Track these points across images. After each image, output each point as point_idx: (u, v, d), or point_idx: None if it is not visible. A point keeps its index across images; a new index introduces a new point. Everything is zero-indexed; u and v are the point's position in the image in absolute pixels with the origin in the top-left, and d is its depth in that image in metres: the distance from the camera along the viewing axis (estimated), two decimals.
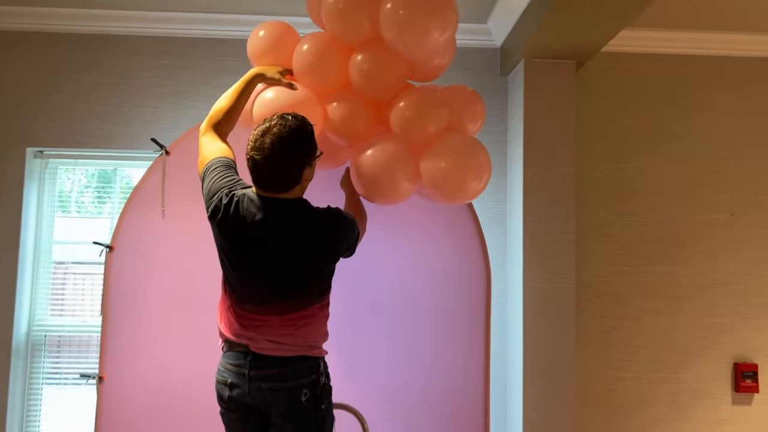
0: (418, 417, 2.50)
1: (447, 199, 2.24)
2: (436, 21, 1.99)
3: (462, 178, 2.13)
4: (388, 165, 2.08)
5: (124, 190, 3.15)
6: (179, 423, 2.40)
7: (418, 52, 2.05)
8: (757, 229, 3.12)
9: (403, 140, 2.08)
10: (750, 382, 3.02)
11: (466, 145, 2.15)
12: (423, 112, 2.06)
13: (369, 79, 2.05)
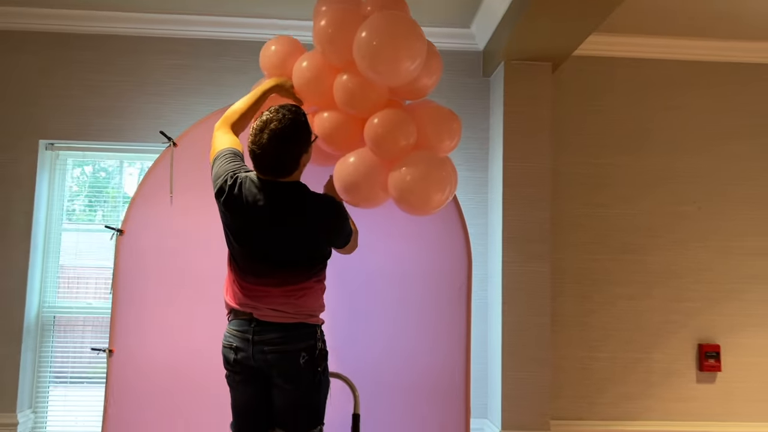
0: (404, 392, 2.69)
1: (415, 209, 2.30)
2: (406, 51, 2.10)
3: (426, 192, 2.21)
4: (363, 174, 2.22)
5: (115, 197, 3.37)
6: (184, 393, 2.59)
7: (390, 79, 2.17)
8: (722, 220, 3.36)
9: (375, 153, 2.23)
10: (713, 362, 3.26)
11: (431, 165, 2.22)
12: (392, 129, 2.19)
13: (351, 98, 2.20)
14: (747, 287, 3.31)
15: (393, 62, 2.11)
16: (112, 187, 3.43)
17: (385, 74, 2.15)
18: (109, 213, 3.37)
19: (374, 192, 2.28)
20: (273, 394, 2.07)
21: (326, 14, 2.27)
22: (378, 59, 2.10)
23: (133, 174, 3.46)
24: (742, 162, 3.38)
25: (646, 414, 3.22)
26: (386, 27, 2.11)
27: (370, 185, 2.26)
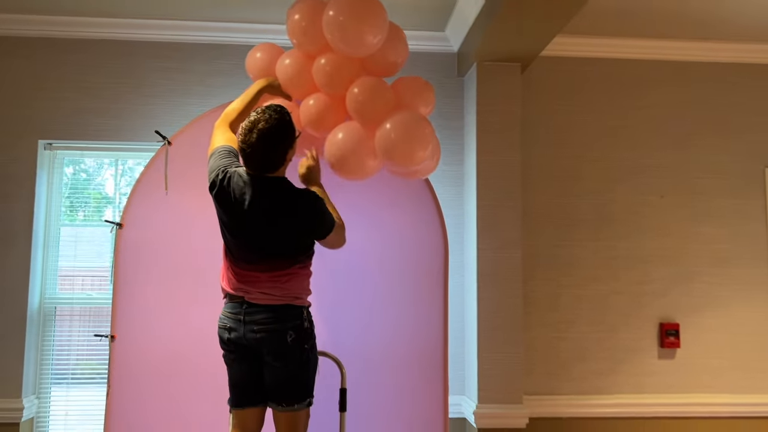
0: (387, 369, 2.90)
1: (402, 166, 2.56)
2: (369, 24, 2.40)
3: (410, 147, 2.47)
4: (351, 145, 2.48)
5: (96, 198, 3.55)
6: (183, 374, 2.78)
7: (358, 50, 2.45)
8: (683, 209, 3.59)
9: (359, 122, 2.49)
10: (673, 339, 3.50)
11: (412, 120, 2.49)
12: (371, 93, 2.46)
13: (330, 78, 2.47)
14: (704, 271, 3.56)
15: (358, 33, 2.41)
16: (93, 188, 3.61)
17: (353, 45, 2.44)
18: (91, 213, 3.54)
19: (363, 161, 2.53)
20: (264, 372, 2.28)
21: (298, 9, 2.53)
22: (345, 32, 2.39)
23: (112, 175, 3.65)
24: (703, 156, 3.62)
25: (611, 388, 3.46)
26: (349, 4, 2.40)
27: (358, 155, 2.51)
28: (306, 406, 2.29)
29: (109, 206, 3.57)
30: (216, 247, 2.45)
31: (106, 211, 3.56)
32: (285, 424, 2.27)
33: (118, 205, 3.54)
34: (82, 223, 3.52)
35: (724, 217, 3.60)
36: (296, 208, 2.22)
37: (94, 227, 3.52)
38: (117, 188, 3.61)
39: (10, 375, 3.22)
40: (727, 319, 3.54)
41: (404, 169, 2.62)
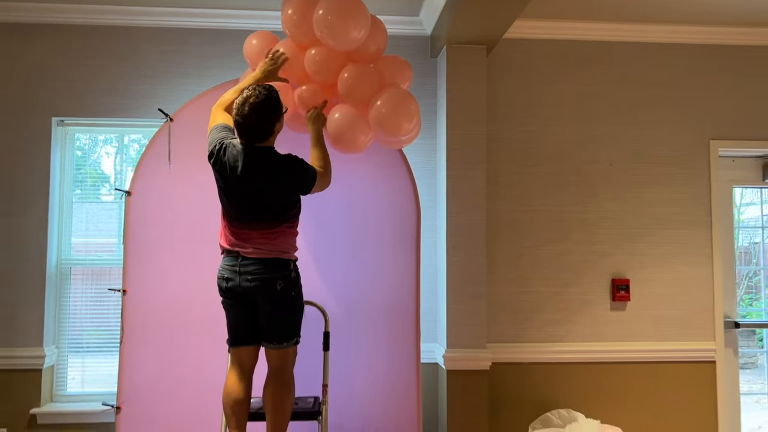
0: (366, 318, 3.30)
1: (390, 136, 2.97)
2: (353, 22, 2.77)
3: (398, 120, 2.90)
4: (347, 123, 2.88)
5: (92, 176, 3.90)
6: (187, 322, 3.18)
7: (344, 45, 2.82)
8: (632, 177, 3.97)
9: (350, 102, 2.87)
10: (623, 293, 3.91)
11: (399, 96, 2.92)
12: (359, 77, 2.85)
13: (319, 67, 2.84)
14: (651, 231, 3.95)
15: (344, 31, 2.77)
16: (89, 166, 3.95)
17: (340, 40, 2.81)
18: (87, 190, 3.87)
19: (357, 137, 2.92)
20: (258, 315, 2.68)
21: (291, 5, 2.87)
22: (332, 29, 2.76)
23: (110, 153, 4.00)
24: (645, 128, 3.98)
25: (567, 337, 3.87)
26: (337, 5, 2.76)
27: (352, 131, 2.90)
28: (294, 344, 2.70)
29: (105, 183, 3.93)
30: (213, 210, 2.85)
31: (103, 188, 3.92)
32: (276, 359, 2.68)
33: (113, 183, 3.89)
34: (79, 200, 3.86)
35: (670, 184, 3.98)
36: (281, 174, 2.59)
37: (91, 203, 3.89)
38: (115, 165, 3.96)
39: (33, 327, 3.61)
40: (672, 275, 3.95)
41: (393, 139, 3.02)
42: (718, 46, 4.06)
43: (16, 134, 3.67)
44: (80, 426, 3.60)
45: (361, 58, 2.97)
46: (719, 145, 4.03)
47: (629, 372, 3.89)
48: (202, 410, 3.09)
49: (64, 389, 3.72)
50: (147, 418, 3.16)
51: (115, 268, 3.73)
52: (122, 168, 3.94)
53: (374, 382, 3.28)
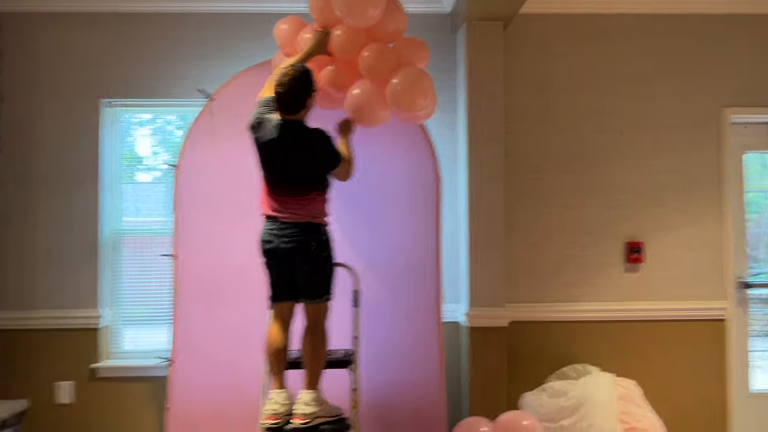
0: (393, 278, 3.58)
1: (406, 111, 3.18)
2: (370, 2, 2.99)
3: (412, 96, 3.12)
4: (366, 98, 3.13)
5: (128, 157, 4.20)
6: (232, 281, 3.51)
7: (361, 22, 3.05)
8: (643, 143, 4.15)
9: (370, 79, 3.12)
10: (637, 255, 4.12)
11: (414, 74, 3.14)
12: (378, 56, 3.09)
13: (342, 45, 3.09)
14: (664, 196, 4.14)
15: (360, 8, 3.00)
16: (125, 148, 4.22)
17: (357, 18, 3.04)
18: (126, 168, 4.20)
19: (375, 111, 3.16)
20: (295, 274, 2.98)
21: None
22: (349, 7, 2.99)
23: (145, 134, 4.32)
24: (659, 98, 4.16)
25: (583, 297, 4.11)
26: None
27: (371, 106, 3.14)
28: (326, 300, 3.00)
29: (140, 164, 4.25)
30: (252, 180, 3.14)
31: (138, 169, 4.25)
32: (311, 313, 2.98)
33: (149, 165, 4.22)
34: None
35: (682, 151, 4.16)
36: (310, 145, 2.87)
37: (126, 184, 4.21)
38: (152, 146, 4.28)
39: (89, 290, 3.99)
40: (683, 238, 4.15)
41: (409, 114, 3.26)
42: (730, 15, 4.19)
43: (69, 115, 4.02)
44: (136, 379, 3.97)
45: (381, 37, 3.19)
46: (732, 112, 4.18)
47: (643, 330, 4.12)
48: (246, 360, 3.42)
49: (121, 346, 4.10)
50: (197, 369, 3.51)
51: (159, 237, 4.05)
52: (158, 149, 4.25)
53: (399, 340, 3.57)
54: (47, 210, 3.99)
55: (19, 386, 3.96)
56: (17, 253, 3.98)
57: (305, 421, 2.88)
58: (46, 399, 3.96)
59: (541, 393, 3.77)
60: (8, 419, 3.80)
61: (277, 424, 2.90)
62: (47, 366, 3.96)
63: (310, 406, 2.90)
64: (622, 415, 3.58)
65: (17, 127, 4.01)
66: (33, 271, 3.98)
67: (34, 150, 4.01)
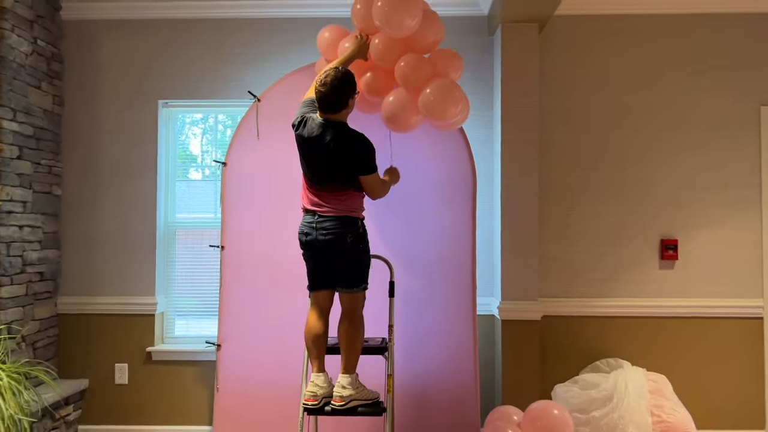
0: (427, 271, 3.74)
1: (439, 120, 3.32)
2: (407, 12, 3.14)
3: (444, 106, 3.26)
4: (400, 105, 3.29)
5: (181, 156, 4.48)
6: (275, 270, 3.72)
7: (398, 31, 3.20)
8: (681, 141, 4.18)
9: (405, 87, 3.27)
10: (672, 252, 4.16)
11: (446, 85, 3.28)
12: (414, 66, 3.24)
13: (380, 53, 3.25)
14: (700, 194, 4.16)
15: (398, 18, 3.16)
16: (178, 147, 4.48)
17: (395, 28, 3.20)
18: (174, 170, 4.45)
19: (408, 118, 3.32)
20: (332, 265, 3.17)
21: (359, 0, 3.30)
22: (387, 17, 3.15)
23: (197, 134, 4.57)
24: (697, 95, 4.18)
25: (616, 293, 4.17)
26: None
27: (405, 113, 3.31)
28: (362, 290, 3.16)
29: (193, 163, 4.50)
30: (293, 177, 3.35)
31: (191, 167, 4.50)
32: (347, 302, 3.15)
33: (200, 163, 4.48)
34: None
35: (720, 149, 4.17)
36: (348, 145, 3.04)
37: (180, 181, 4.47)
38: (201, 145, 4.54)
39: (146, 279, 4.28)
40: (719, 236, 4.16)
41: (441, 123, 3.40)
42: None
43: (129, 115, 4.32)
44: (187, 363, 4.25)
45: (419, 47, 3.34)
46: None
47: (676, 326, 4.16)
48: (287, 345, 3.64)
49: (173, 331, 4.39)
50: (242, 353, 3.75)
51: (209, 230, 4.32)
52: (208, 148, 4.51)
53: (434, 332, 3.72)
54: (108, 204, 4.31)
55: (80, 367, 4.28)
56: (81, 243, 4.31)
57: (342, 403, 3.07)
58: (104, 379, 4.28)
59: (573, 384, 3.86)
60: (71, 396, 4.12)
61: (316, 405, 3.10)
62: (106, 348, 4.28)
63: (347, 389, 3.08)
64: (652, 408, 3.65)
65: (79, 128, 4.34)
66: (95, 260, 4.30)
67: (96, 148, 4.32)
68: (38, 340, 4.06)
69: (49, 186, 4.18)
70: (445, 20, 3.98)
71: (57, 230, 4.28)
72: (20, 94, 3.86)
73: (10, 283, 3.78)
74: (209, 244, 3.92)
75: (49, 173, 4.18)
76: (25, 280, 3.93)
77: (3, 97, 3.70)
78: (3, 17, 3.70)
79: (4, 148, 3.72)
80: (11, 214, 3.80)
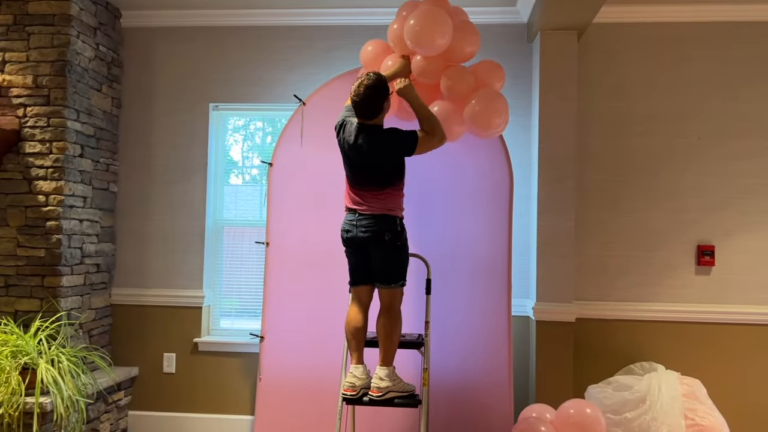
0: (464, 270, 3.84)
1: (482, 130, 3.47)
2: (438, 32, 3.26)
3: (488, 116, 3.41)
4: (443, 116, 3.40)
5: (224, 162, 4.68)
6: (317, 265, 3.88)
7: (429, 51, 3.30)
8: (719, 149, 4.21)
9: (449, 100, 3.40)
10: (708, 258, 4.18)
11: (490, 96, 3.42)
12: (458, 78, 3.38)
13: (422, 69, 3.39)
14: (738, 201, 4.17)
15: (428, 38, 3.28)
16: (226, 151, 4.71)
17: (426, 48, 3.32)
18: (220, 175, 4.62)
19: (451, 128, 3.44)
20: (371, 261, 3.31)
21: (396, 20, 3.45)
22: (418, 38, 3.28)
23: (238, 140, 4.77)
24: (736, 104, 4.20)
25: (651, 297, 4.21)
26: (422, 16, 3.28)
27: (448, 123, 3.42)
28: (400, 285, 3.28)
29: (234, 168, 4.70)
30: (335, 178, 3.50)
31: (232, 173, 4.70)
32: (386, 297, 3.28)
33: (241, 168, 4.68)
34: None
35: (758, 157, 4.18)
36: (383, 143, 3.16)
37: (227, 186, 4.70)
38: (243, 151, 4.75)
39: (195, 273, 4.50)
40: (756, 243, 4.17)
41: (484, 132, 3.51)
42: None
43: (182, 118, 4.55)
44: (232, 354, 4.44)
45: (457, 59, 3.47)
46: None
47: (712, 332, 4.17)
48: (328, 339, 3.79)
49: (219, 324, 4.59)
50: (285, 345, 3.91)
51: (253, 228, 4.53)
52: (249, 154, 4.71)
53: (470, 330, 3.83)
54: (161, 201, 4.54)
55: (131, 355, 4.52)
56: (134, 238, 4.56)
57: (379, 394, 3.20)
58: (153, 367, 4.50)
59: (607, 386, 3.92)
60: (122, 383, 4.35)
61: (355, 396, 3.24)
62: (156, 338, 4.51)
63: (384, 381, 3.21)
64: (686, 412, 3.68)
65: (135, 129, 4.59)
66: (147, 254, 4.54)
67: (150, 148, 4.57)
68: (93, 329, 4.31)
69: (106, 183, 4.43)
70: (486, 27, 4.16)
71: (113, 225, 4.53)
72: (83, 96, 4.12)
73: (71, 273, 4.03)
74: (255, 241, 4.11)
75: (107, 171, 4.44)
76: (84, 271, 4.17)
77: (68, 98, 3.96)
78: (69, 24, 3.97)
79: (69, 147, 3.98)
80: (72, 208, 4.05)
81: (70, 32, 3.98)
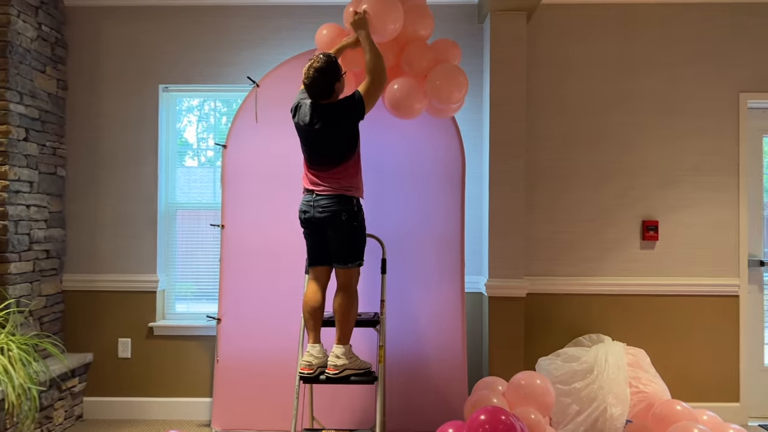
0: (417, 248, 3.91)
1: (443, 103, 3.52)
2: (389, 18, 3.31)
3: (450, 89, 3.48)
4: (405, 92, 3.45)
5: (178, 143, 4.63)
6: (273, 247, 3.90)
7: (383, 36, 3.38)
8: (663, 128, 4.37)
9: (410, 75, 3.44)
10: (653, 233, 4.35)
11: (451, 69, 3.49)
12: (416, 54, 3.43)
13: None
14: (681, 178, 4.34)
15: (381, 25, 3.34)
16: (178, 133, 4.62)
17: (378, 33, 3.38)
18: (172, 156, 4.56)
19: (412, 104, 3.49)
20: (329, 242, 3.34)
21: (352, 3, 3.45)
22: (371, 24, 3.32)
23: (193, 121, 4.70)
24: (678, 84, 4.36)
25: (599, 272, 4.36)
26: (374, 2, 3.32)
27: (408, 100, 3.47)
28: (357, 266, 3.33)
29: (189, 150, 4.65)
30: (291, 159, 3.51)
31: (186, 155, 4.65)
32: (343, 276, 3.33)
33: (196, 150, 4.63)
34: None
35: (701, 135, 4.36)
36: (337, 119, 3.19)
37: (180, 168, 4.65)
38: (197, 133, 4.69)
39: (148, 257, 4.45)
40: (699, 218, 4.36)
41: (444, 106, 3.57)
42: (748, 3, 4.35)
43: (131, 99, 4.46)
44: (189, 337, 4.42)
45: (409, 40, 3.52)
46: (748, 97, 4.35)
47: (656, 304, 4.36)
48: (285, 319, 3.83)
49: (174, 308, 4.56)
50: (242, 327, 3.93)
51: (207, 211, 4.49)
52: (204, 135, 4.65)
53: (425, 308, 3.91)
54: (111, 185, 4.46)
55: (85, 341, 4.46)
56: (85, 223, 4.47)
57: (336, 372, 3.25)
58: (108, 353, 4.45)
59: (556, 358, 4.06)
60: (76, 369, 4.29)
61: (312, 374, 3.28)
62: (110, 324, 4.45)
63: (341, 359, 3.27)
64: (630, 380, 3.84)
65: (82, 111, 4.48)
66: (99, 239, 4.46)
67: (98, 131, 4.47)
68: (44, 315, 4.23)
69: (54, 167, 4.32)
70: (437, 8, 4.20)
71: (62, 210, 4.43)
72: (26, 78, 4.00)
73: (18, 260, 3.93)
74: (210, 224, 4.09)
75: (54, 155, 4.33)
76: (32, 257, 4.08)
77: (10, 80, 3.84)
78: (9, 3, 3.83)
79: (12, 130, 3.86)
80: (19, 193, 3.94)
81: (10, 11, 3.84)
